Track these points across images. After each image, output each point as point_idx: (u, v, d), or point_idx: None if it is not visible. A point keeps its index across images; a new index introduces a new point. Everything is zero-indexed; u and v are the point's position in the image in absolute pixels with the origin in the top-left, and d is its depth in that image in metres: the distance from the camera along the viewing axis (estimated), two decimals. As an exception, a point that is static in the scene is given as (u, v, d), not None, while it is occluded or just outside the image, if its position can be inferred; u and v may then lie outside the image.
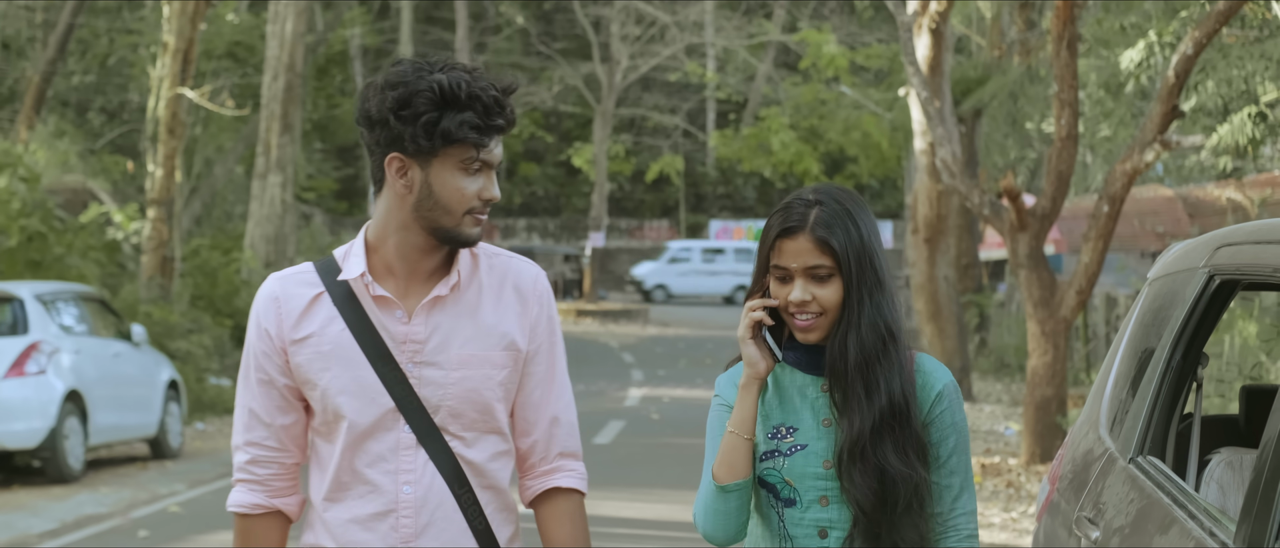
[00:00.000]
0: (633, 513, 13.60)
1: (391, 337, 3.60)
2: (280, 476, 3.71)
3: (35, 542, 12.70)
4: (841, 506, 3.63)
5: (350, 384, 3.59)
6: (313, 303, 3.64)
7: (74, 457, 16.10)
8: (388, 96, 3.51)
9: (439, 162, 3.54)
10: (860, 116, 49.68)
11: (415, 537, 3.60)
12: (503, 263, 3.72)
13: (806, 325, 3.64)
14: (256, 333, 3.67)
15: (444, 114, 3.50)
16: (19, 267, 21.90)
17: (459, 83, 3.51)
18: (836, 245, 3.60)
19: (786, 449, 3.67)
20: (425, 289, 3.63)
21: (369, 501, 3.61)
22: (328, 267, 3.69)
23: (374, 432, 3.60)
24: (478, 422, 3.63)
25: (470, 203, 3.57)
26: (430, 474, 3.60)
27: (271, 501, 3.70)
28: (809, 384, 3.71)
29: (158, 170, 26.27)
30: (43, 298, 16.66)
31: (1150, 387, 4.48)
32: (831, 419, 3.66)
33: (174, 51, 26.46)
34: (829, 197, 3.67)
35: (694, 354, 34.83)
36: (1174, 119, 16.70)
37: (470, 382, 3.61)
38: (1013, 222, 17.45)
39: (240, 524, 3.73)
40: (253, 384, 3.68)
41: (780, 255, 3.64)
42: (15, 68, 38.95)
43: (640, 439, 19.24)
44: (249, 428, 3.69)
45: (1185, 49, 16.40)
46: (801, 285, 3.62)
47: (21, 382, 15.73)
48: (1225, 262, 4.28)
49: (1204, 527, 3.74)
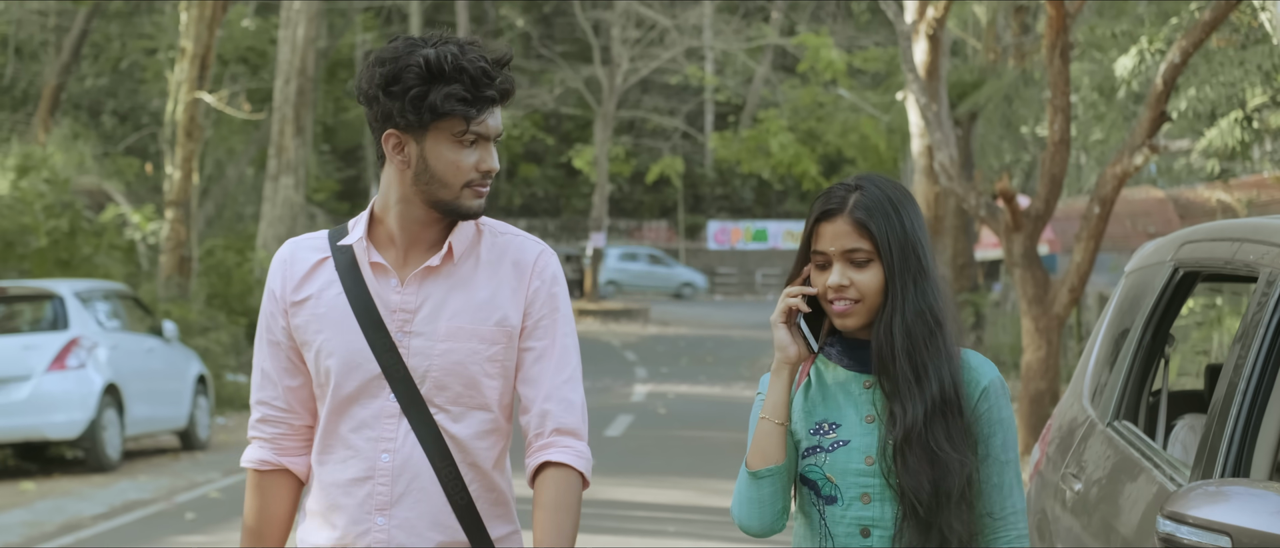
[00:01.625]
0: (647, 499, 14.35)
1: (385, 305, 3.63)
2: (288, 436, 3.75)
3: (88, 524, 13.50)
4: (883, 504, 3.57)
5: (340, 348, 3.63)
6: (317, 267, 3.69)
7: (112, 447, 16.85)
8: (377, 73, 3.55)
9: (432, 136, 3.56)
10: (858, 119, 50.24)
11: (390, 505, 3.61)
12: (507, 240, 3.72)
13: (843, 310, 3.58)
14: (268, 294, 3.74)
15: (431, 88, 3.52)
16: (48, 265, 22.64)
17: (446, 56, 3.53)
18: (875, 230, 3.55)
19: (829, 445, 3.60)
20: (424, 258, 3.66)
21: (349, 465, 3.64)
22: (338, 233, 3.73)
23: (359, 397, 3.63)
24: (463, 396, 3.63)
25: (467, 175, 3.59)
26: (411, 444, 3.61)
27: (279, 458, 3.74)
28: (852, 380, 3.65)
29: (176, 172, 27.01)
30: (81, 295, 17.40)
31: (1125, 362, 5.25)
32: (875, 415, 3.60)
33: (191, 57, 27.20)
34: (870, 183, 3.63)
35: (695, 353, 35.47)
36: (1162, 124, 17.43)
37: (456, 354, 3.62)
38: (1008, 223, 18.21)
39: (251, 480, 3.78)
40: (264, 345, 3.74)
41: (819, 240, 3.60)
42: (29, 71, 39.64)
43: (649, 432, 19.97)
44: (261, 387, 3.76)
45: (1173, 57, 17.12)
46: (839, 270, 3.56)
47: (63, 375, 16.48)
48: (1187, 256, 5.05)
49: (1166, 474, 4.51)
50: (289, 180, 31.89)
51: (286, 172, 31.84)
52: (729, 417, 22.05)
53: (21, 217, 22.98)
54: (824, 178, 58.37)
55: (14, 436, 16.36)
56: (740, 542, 11.96)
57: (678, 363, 32.74)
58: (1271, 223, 4.52)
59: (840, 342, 3.66)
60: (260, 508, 3.75)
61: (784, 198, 67.48)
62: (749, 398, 25.20)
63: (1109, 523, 4.75)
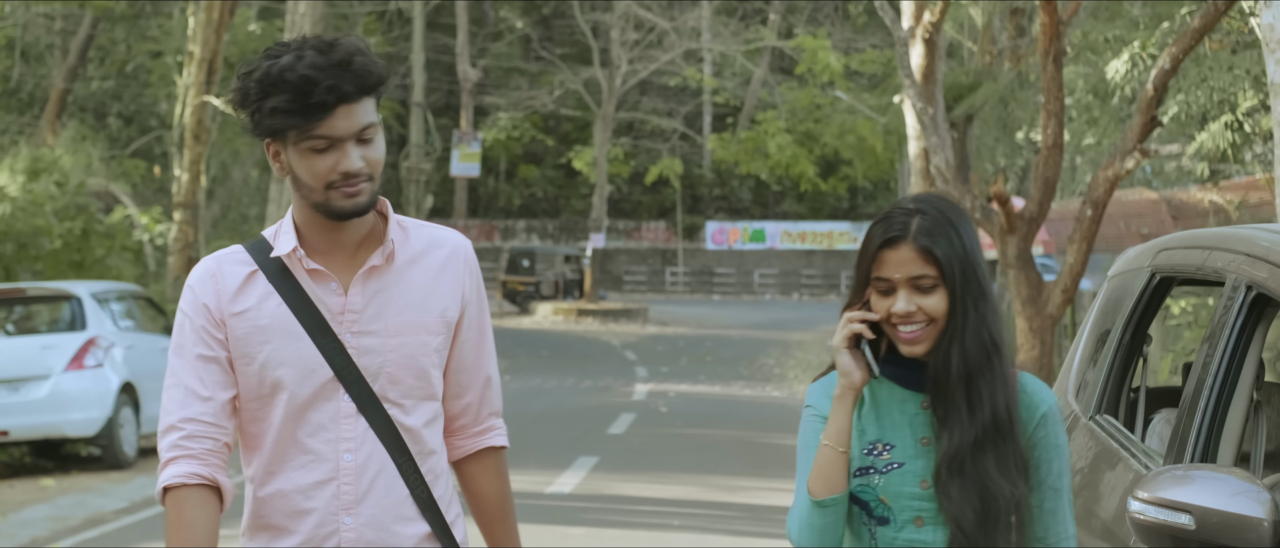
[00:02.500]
0: (652, 494, 14.75)
1: (328, 309, 3.64)
2: (214, 452, 3.64)
3: (111, 518, 13.92)
4: (937, 527, 3.55)
5: (290, 356, 3.61)
6: (247, 280, 3.65)
7: (129, 444, 17.27)
8: (233, 89, 3.57)
9: (292, 145, 3.54)
10: (855, 121, 50.62)
11: (356, 503, 3.63)
12: (428, 233, 3.77)
13: (913, 337, 3.55)
14: (195, 308, 3.66)
15: (264, 102, 3.51)
16: (61, 267, 23.05)
17: (273, 69, 3.50)
18: (940, 254, 3.53)
19: (882, 467, 3.58)
20: (353, 261, 3.67)
21: (310, 469, 3.64)
22: (258, 246, 3.70)
23: (314, 402, 3.63)
24: (415, 388, 3.68)
25: (326, 178, 3.55)
26: (371, 442, 3.64)
27: (208, 471, 3.60)
28: (908, 400, 3.63)
29: (184, 175, 27.44)
30: (98, 296, 17.80)
31: (1106, 361, 5.67)
32: (930, 438, 3.57)
33: (199, 61, 27.62)
34: (929, 205, 3.59)
35: (694, 352, 35.77)
36: (1153, 129, 17.84)
37: (407, 348, 3.66)
38: (1002, 225, 18.62)
39: (177, 499, 3.59)
40: (191, 360, 3.65)
41: (882, 266, 3.56)
42: (35, 74, 40.03)
43: (651, 430, 20.37)
44: (184, 405, 3.63)
45: (1163, 63, 17.53)
46: (905, 297, 3.54)
47: (81, 374, 16.89)
48: (1164, 262, 5.46)
49: (1141, 463, 4.93)
50: (294, 182, 32.30)
51: (291, 173, 32.25)
52: (729, 415, 22.44)
53: (34, 219, 23.40)
54: (821, 179, 58.76)
55: (33, 433, 16.78)
56: (743, 536, 12.38)
57: (677, 362, 33.08)
58: (1238, 232, 4.93)
59: (897, 360, 3.62)
60: (186, 528, 3.57)
61: (782, 199, 67.84)
62: (748, 397, 25.61)
63: (1090, 508, 5.17)
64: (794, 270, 66.88)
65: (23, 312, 18.10)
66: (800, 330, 43.92)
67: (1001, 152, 31.16)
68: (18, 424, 16.61)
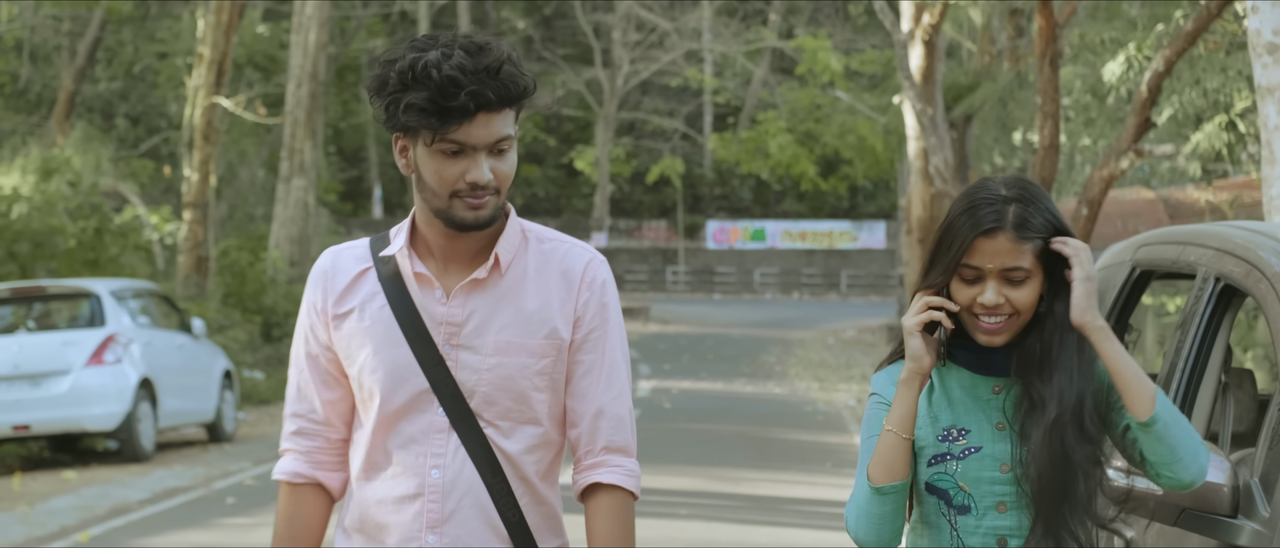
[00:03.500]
0: (658, 485, 15.15)
1: (430, 317, 3.50)
2: (325, 449, 3.62)
3: (135, 508, 14.35)
4: (1020, 511, 3.46)
5: (386, 362, 3.50)
6: (359, 278, 3.55)
7: (147, 438, 17.69)
8: (373, 74, 3.44)
9: (422, 143, 3.41)
10: (855, 121, 50.96)
11: (441, 522, 3.49)
12: (553, 247, 3.57)
13: (995, 328, 3.45)
14: (306, 306, 3.60)
15: (403, 95, 3.36)
16: (76, 266, 23.48)
17: (420, 63, 3.35)
18: (1035, 245, 3.43)
19: (959, 453, 3.48)
20: (465, 271, 3.52)
21: (398, 482, 3.51)
22: (380, 242, 3.59)
23: (407, 413, 3.50)
24: (513, 411, 3.50)
25: (452, 186, 3.41)
26: (461, 459, 3.49)
27: (314, 472, 3.60)
28: (980, 385, 3.53)
29: (193, 175, 27.85)
30: (116, 294, 18.23)
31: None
32: (1005, 422, 3.48)
33: (209, 62, 28.02)
34: (1022, 191, 3.47)
35: (696, 350, 36.11)
36: (1147, 130, 18.26)
37: (506, 369, 3.48)
38: (999, 224, 19.05)
39: (284, 493, 3.64)
40: (301, 357, 3.62)
41: (974, 255, 3.43)
42: (43, 75, 40.45)
43: (656, 425, 20.77)
44: (297, 400, 3.62)
45: (1157, 66, 17.95)
46: (995, 288, 3.43)
47: (100, 370, 17.31)
48: (1143, 257, 5.86)
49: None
50: (301, 182, 32.67)
51: (299, 173, 32.62)
52: (732, 410, 22.85)
53: (48, 219, 23.81)
54: (821, 178, 59.08)
55: (54, 427, 17.21)
56: (748, 525, 12.79)
57: (680, 360, 33.42)
58: (1210, 229, 5.35)
59: (970, 345, 3.53)
60: (292, 521, 3.62)
61: (782, 198, 68.22)
62: (750, 394, 26.01)
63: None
64: (794, 269, 67.24)
65: (43, 309, 18.55)
66: (801, 329, 44.31)
67: (999, 151, 31.53)
68: (39, 418, 17.04)
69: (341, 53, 43.64)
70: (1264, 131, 10.55)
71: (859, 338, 41.29)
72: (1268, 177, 10.51)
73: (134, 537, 12.78)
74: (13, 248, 23.13)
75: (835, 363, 32.65)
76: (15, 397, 17.02)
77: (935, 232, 3.51)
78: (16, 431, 17.04)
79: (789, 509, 13.68)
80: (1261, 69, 10.70)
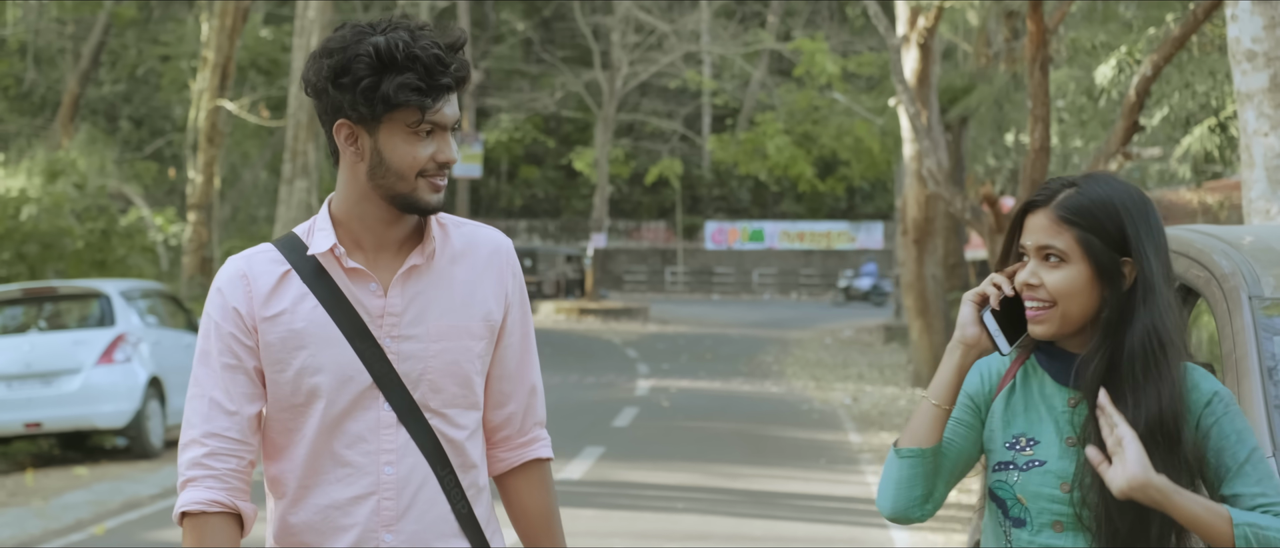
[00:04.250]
0: (656, 480, 15.53)
1: (367, 311, 3.43)
2: (238, 473, 3.43)
3: (147, 502, 14.75)
4: (1078, 534, 3.27)
5: (327, 363, 3.41)
6: (281, 280, 3.44)
7: (155, 435, 18.07)
8: (324, 64, 3.35)
9: (386, 127, 3.36)
10: (852, 122, 51.23)
11: (397, 519, 3.43)
12: (470, 231, 3.57)
13: (1033, 315, 3.31)
14: (222, 313, 3.44)
15: (383, 78, 3.32)
16: (84, 266, 23.86)
17: (397, 43, 3.32)
18: (1079, 233, 3.27)
19: (1023, 463, 3.32)
20: (396, 261, 3.47)
21: (348, 484, 3.43)
22: (291, 243, 3.49)
23: (352, 411, 3.42)
24: (458, 397, 3.48)
25: (422, 166, 3.38)
26: (413, 454, 3.44)
27: (231, 498, 3.40)
28: (1057, 395, 3.36)
29: (198, 177, 28.23)
30: (126, 294, 18.61)
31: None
32: (1076, 438, 3.29)
33: (213, 66, 28.40)
34: (1094, 184, 3.32)
35: (694, 350, 36.36)
36: (1135, 133, 18.64)
37: (450, 354, 3.46)
38: (991, 225, 19.42)
39: (192, 527, 3.40)
40: (217, 370, 3.44)
41: (1023, 232, 3.34)
42: (47, 78, 40.81)
43: (654, 422, 21.12)
44: (209, 419, 3.42)
45: (1145, 70, 18.32)
46: (1032, 267, 3.30)
47: (110, 369, 17.69)
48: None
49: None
50: (303, 184, 33.01)
51: (301, 175, 32.95)
52: (729, 409, 23.19)
53: (56, 220, 24.20)
54: (819, 180, 59.42)
55: (66, 424, 17.58)
56: (744, 518, 13.15)
57: (678, 359, 33.69)
58: (1171, 232, 5.71)
59: (1054, 351, 3.38)
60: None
61: (780, 199, 68.58)
62: (747, 392, 26.34)
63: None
64: (792, 270, 67.60)
65: (54, 309, 18.92)
66: (798, 329, 44.62)
67: (992, 153, 31.87)
68: (51, 416, 17.42)
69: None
70: (1243, 136, 10.86)
71: (856, 338, 41.61)
72: (1246, 180, 10.85)
73: (147, 530, 13.18)
74: (22, 249, 23.50)
75: (832, 362, 32.97)
76: (27, 395, 17.39)
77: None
78: (29, 428, 17.42)
79: (783, 504, 14.04)
80: (1241, 75, 11.01)
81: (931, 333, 26.82)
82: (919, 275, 26.89)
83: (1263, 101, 10.89)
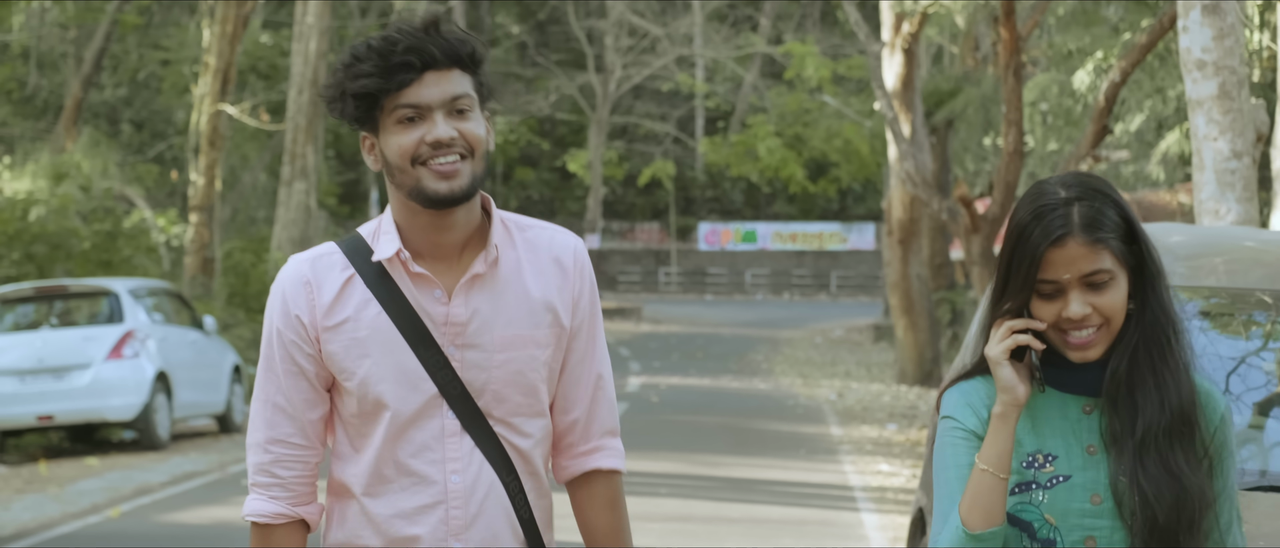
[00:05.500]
0: (643, 468, 16.22)
1: (431, 318, 3.38)
2: (303, 479, 3.45)
3: (158, 489, 15.51)
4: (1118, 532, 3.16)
5: (391, 371, 3.36)
6: (345, 287, 3.40)
7: (163, 427, 18.82)
8: (325, 84, 3.39)
9: (382, 126, 3.33)
10: (842, 125, 51.83)
11: (465, 528, 3.40)
12: (537, 234, 3.48)
13: (1086, 342, 3.17)
14: (284, 320, 3.40)
15: (349, 75, 3.31)
16: (91, 266, 24.56)
17: (362, 43, 3.33)
18: (1114, 246, 3.14)
19: (1045, 481, 3.19)
20: (456, 267, 3.41)
21: (414, 493, 3.40)
22: (355, 246, 3.42)
23: (417, 420, 3.38)
24: (522, 406, 3.42)
25: (413, 152, 3.30)
26: (478, 462, 3.40)
27: (294, 509, 3.44)
28: (1069, 404, 3.24)
29: (200, 179, 28.90)
30: (134, 292, 19.38)
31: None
32: (1098, 446, 3.20)
33: (215, 71, 29.08)
34: (1082, 187, 3.18)
35: (686, 349, 36.89)
36: (1104, 136, 19.35)
37: (515, 363, 3.39)
38: (967, 225, 20.15)
39: (259, 535, 3.45)
40: (279, 376, 3.42)
41: (1048, 268, 3.14)
42: (51, 82, 41.47)
43: (644, 416, 21.78)
44: (272, 425, 3.43)
45: (1113, 77, 19.03)
46: (1078, 298, 3.14)
47: (119, 364, 18.45)
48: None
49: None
50: (302, 186, 33.63)
51: (300, 177, 33.57)
52: (717, 404, 23.85)
53: (63, 221, 24.92)
54: (810, 182, 60.02)
55: (76, 417, 18.34)
56: (723, 502, 13.86)
57: (669, 358, 34.20)
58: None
59: (1053, 361, 3.24)
60: None
61: (772, 200, 69.11)
62: (735, 389, 26.98)
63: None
64: (785, 270, 68.14)
65: (65, 306, 19.69)
66: (790, 328, 45.12)
67: (971, 158, 32.47)
68: (62, 409, 18.19)
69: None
70: (1194, 141, 11.51)
71: (846, 337, 42.17)
72: (1197, 182, 11.51)
73: (161, 513, 13.95)
74: (30, 250, 24.21)
75: (820, 361, 33.53)
76: (40, 389, 18.16)
77: (1003, 249, 3.23)
78: (41, 420, 18.19)
79: (762, 489, 14.75)
80: (1192, 84, 11.67)
81: (916, 331, 27.42)
82: (904, 275, 27.48)
83: (1212, 108, 11.53)
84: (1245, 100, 11.70)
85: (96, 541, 12.61)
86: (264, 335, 3.46)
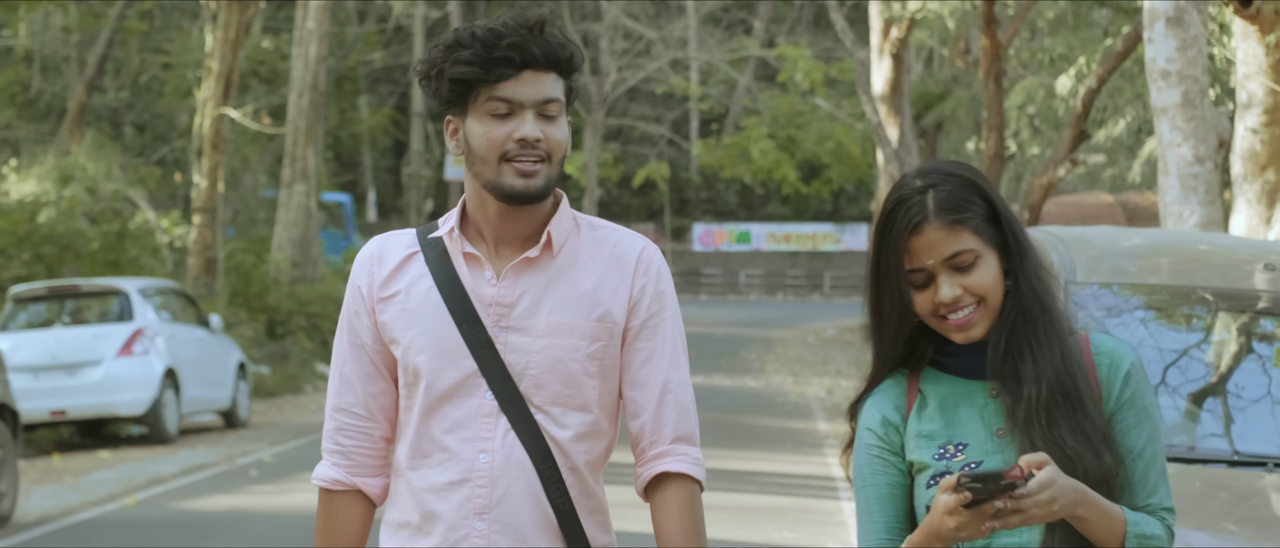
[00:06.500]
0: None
1: (479, 298, 3.42)
2: (366, 450, 3.52)
3: (170, 479, 16.19)
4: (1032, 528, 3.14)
5: (431, 343, 3.42)
6: (406, 261, 3.48)
7: (171, 422, 19.47)
8: (421, 61, 3.43)
9: (471, 114, 3.38)
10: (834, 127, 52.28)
11: (489, 509, 3.40)
12: (605, 233, 3.51)
13: (965, 322, 3.18)
14: (352, 292, 3.51)
15: (449, 58, 3.37)
16: (99, 266, 25.18)
17: (466, 30, 3.37)
18: (972, 223, 3.17)
19: (959, 469, 3.16)
20: (516, 253, 3.45)
21: (445, 468, 3.42)
22: (428, 229, 3.52)
23: (453, 395, 3.42)
24: (563, 396, 3.42)
25: (502, 147, 3.36)
26: (510, 444, 3.40)
27: (353, 479, 3.52)
28: (975, 390, 3.25)
29: (202, 182, 29.47)
30: (143, 291, 20.04)
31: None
32: (1006, 428, 3.19)
33: (217, 75, 29.66)
34: (937, 172, 3.22)
35: (680, 347, 37.49)
36: (1082, 141, 20.01)
37: (556, 351, 3.40)
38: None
39: (322, 499, 3.55)
40: (345, 347, 3.51)
41: (912, 257, 3.18)
42: (54, 85, 42.03)
43: (637, 412, 22.39)
44: (339, 393, 3.53)
45: (1090, 83, 19.68)
46: (947, 281, 3.16)
47: (129, 360, 19.11)
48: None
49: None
50: (302, 187, 34.23)
51: (300, 179, 34.18)
52: (708, 400, 24.27)
53: (71, 222, 25.55)
54: (803, 183, 60.49)
55: (88, 412, 19.01)
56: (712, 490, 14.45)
57: (663, 356, 34.75)
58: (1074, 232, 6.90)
59: (954, 350, 3.25)
60: (331, 531, 3.54)
61: (766, 201, 69.57)
62: (727, 386, 27.47)
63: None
64: (779, 271, 68.60)
65: (76, 305, 20.34)
66: (783, 328, 45.45)
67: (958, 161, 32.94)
68: (74, 404, 18.85)
69: (340, 65, 45.33)
70: (1160, 146, 12.11)
71: (839, 337, 42.56)
72: (1162, 186, 12.09)
73: (175, 501, 14.62)
74: (39, 250, 24.83)
75: (812, 359, 33.92)
76: (53, 385, 18.82)
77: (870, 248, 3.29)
78: (54, 415, 18.86)
79: (748, 480, 15.37)
80: (1157, 92, 12.27)
81: (903, 330, 27.96)
82: (891, 274, 28.00)
83: (1176, 116, 12.12)
84: (1208, 108, 12.28)
85: (116, 526, 13.28)
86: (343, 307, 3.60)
